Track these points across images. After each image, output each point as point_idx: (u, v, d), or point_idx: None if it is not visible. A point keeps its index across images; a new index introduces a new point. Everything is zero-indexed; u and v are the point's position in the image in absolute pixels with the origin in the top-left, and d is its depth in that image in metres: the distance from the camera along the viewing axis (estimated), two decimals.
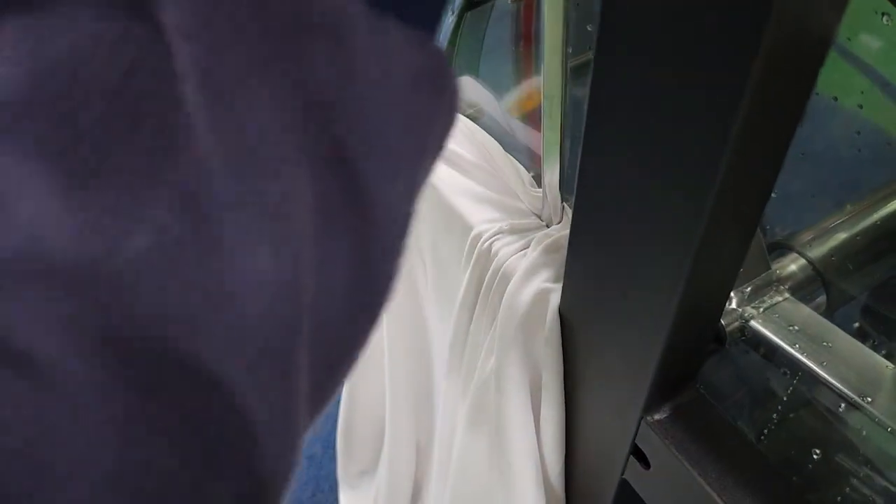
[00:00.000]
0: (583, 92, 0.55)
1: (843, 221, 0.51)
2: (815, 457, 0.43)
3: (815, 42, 0.26)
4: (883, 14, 0.41)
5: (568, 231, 0.50)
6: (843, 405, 0.44)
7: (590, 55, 0.55)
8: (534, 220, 0.52)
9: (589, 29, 0.45)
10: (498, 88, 0.63)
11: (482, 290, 0.53)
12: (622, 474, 0.47)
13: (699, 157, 0.29)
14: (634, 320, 0.38)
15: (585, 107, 0.35)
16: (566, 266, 0.42)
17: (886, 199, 0.51)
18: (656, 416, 0.42)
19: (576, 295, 0.43)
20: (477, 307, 0.53)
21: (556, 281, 0.47)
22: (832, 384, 0.44)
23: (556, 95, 0.46)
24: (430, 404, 0.81)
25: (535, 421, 0.52)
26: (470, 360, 0.58)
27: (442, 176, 0.55)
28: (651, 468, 0.44)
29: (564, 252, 0.49)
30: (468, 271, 0.52)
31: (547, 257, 0.47)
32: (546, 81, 0.45)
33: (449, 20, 0.61)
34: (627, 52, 0.30)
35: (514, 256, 0.50)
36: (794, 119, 0.29)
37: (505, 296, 0.49)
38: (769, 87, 0.26)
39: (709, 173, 0.28)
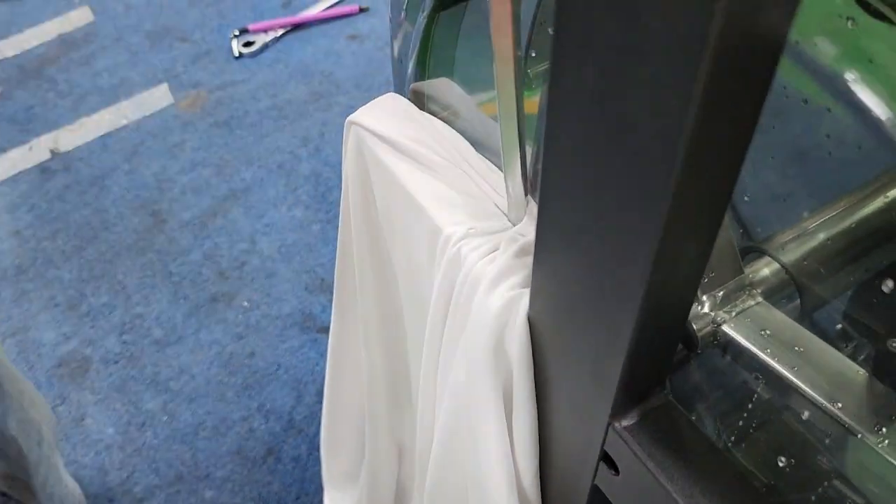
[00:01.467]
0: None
1: (816, 225, 0.50)
2: (780, 464, 0.42)
3: (766, 41, 0.25)
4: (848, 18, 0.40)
5: (523, 242, 0.50)
6: (812, 410, 0.43)
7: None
8: (503, 221, 0.52)
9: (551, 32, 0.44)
10: (473, 89, 0.62)
11: (453, 295, 0.53)
12: (593, 480, 0.47)
13: (653, 158, 0.28)
14: (599, 325, 0.38)
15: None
16: (533, 271, 0.42)
17: (860, 203, 0.50)
18: (623, 423, 0.41)
19: (543, 300, 0.42)
20: (449, 312, 0.53)
21: (524, 286, 0.46)
22: (802, 389, 0.43)
23: (510, 89, 0.45)
24: (410, 404, 0.81)
25: (508, 428, 0.51)
26: (444, 367, 0.57)
27: (412, 178, 0.54)
28: (620, 474, 0.43)
29: (530, 259, 0.49)
30: (439, 275, 0.52)
31: (515, 261, 0.47)
32: (498, 75, 0.45)
33: (420, 20, 0.60)
34: (580, 51, 0.29)
35: (482, 260, 0.49)
36: (751, 121, 0.29)
37: (474, 302, 0.48)
38: (720, 88, 0.25)
39: (663, 175, 0.28)
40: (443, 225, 0.51)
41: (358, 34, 2.15)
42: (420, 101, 0.62)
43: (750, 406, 0.46)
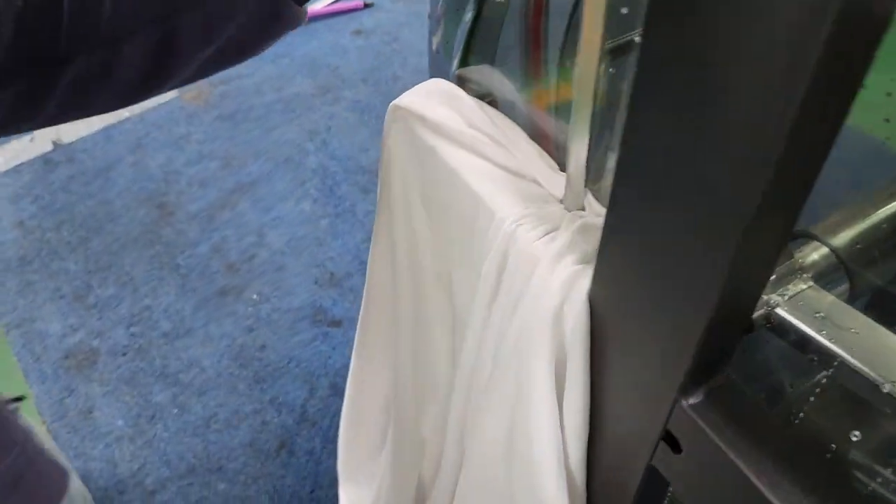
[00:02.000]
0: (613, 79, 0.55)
1: (865, 208, 0.51)
2: (853, 438, 0.43)
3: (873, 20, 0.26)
4: None
5: (594, 217, 0.50)
6: (872, 392, 0.44)
7: (623, 39, 0.55)
8: (556, 205, 0.52)
9: (623, 12, 0.45)
10: (513, 77, 0.63)
11: (504, 276, 0.53)
12: (650, 460, 0.47)
13: (751, 147, 0.28)
14: (673, 308, 0.38)
15: (625, 90, 0.35)
16: (599, 251, 0.42)
17: None
18: (691, 400, 0.41)
19: (608, 283, 0.43)
20: (500, 293, 0.53)
21: (584, 265, 0.46)
22: (862, 370, 0.44)
23: (589, 84, 0.46)
24: (436, 394, 0.81)
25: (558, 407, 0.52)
26: (488, 348, 0.57)
27: (463, 161, 0.55)
28: (682, 452, 0.44)
29: (593, 237, 0.49)
30: (491, 257, 0.52)
31: (575, 242, 0.47)
32: (579, 70, 0.45)
33: (467, 16, 0.61)
34: (677, 30, 0.30)
35: (539, 241, 0.49)
36: (846, 107, 0.29)
37: (532, 279, 0.48)
38: (827, 74, 0.26)
39: (761, 163, 0.28)
40: (496, 208, 0.51)
41: (363, 29, 2.15)
42: (463, 87, 0.62)
43: (807, 388, 0.47)
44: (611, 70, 0.51)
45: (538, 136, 0.59)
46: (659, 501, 0.49)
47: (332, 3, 2.21)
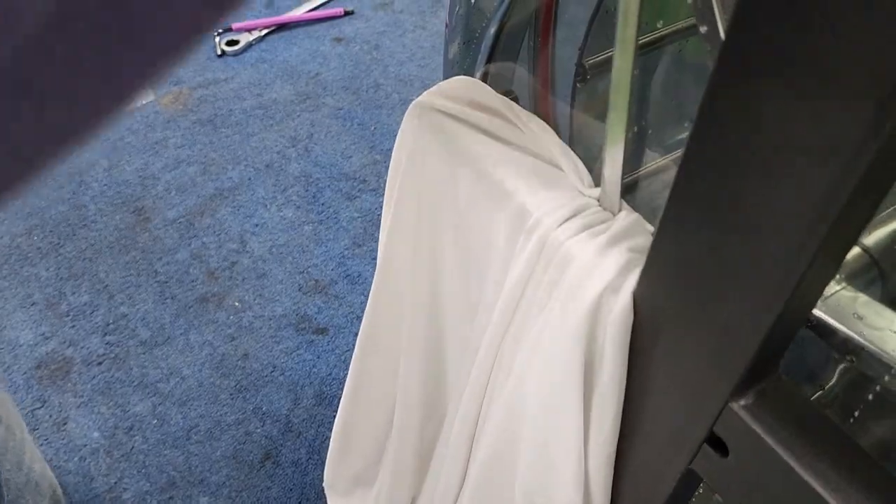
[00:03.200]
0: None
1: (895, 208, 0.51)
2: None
3: None
4: None
5: (631, 216, 0.49)
6: None
7: (654, 34, 0.55)
8: (588, 201, 0.51)
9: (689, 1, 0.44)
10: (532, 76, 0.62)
11: (533, 275, 0.52)
12: (689, 464, 0.46)
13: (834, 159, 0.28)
14: (733, 307, 0.37)
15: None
16: (652, 247, 0.41)
17: None
18: (742, 402, 0.41)
19: (660, 278, 0.42)
20: (528, 286, 0.52)
21: (627, 265, 0.45)
22: None
23: (625, 88, 0.45)
24: (443, 416, 0.79)
25: (586, 408, 0.50)
26: (511, 347, 0.56)
27: (491, 152, 0.53)
28: (729, 455, 0.43)
29: (634, 239, 0.48)
30: (523, 256, 0.51)
31: (617, 240, 0.46)
32: (616, 74, 0.45)
33: (490, 30, 0.61)
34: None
35: (574, 238, 0.48)
36: None
37: (566, 277, 0.47)
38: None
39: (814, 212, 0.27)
40: (530, 207, 0.50)
41: (343, 37, 2.13)
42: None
43: (855, 389, 0.47)
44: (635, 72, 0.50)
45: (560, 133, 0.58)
46: None
47: (312, 9, 2.19)
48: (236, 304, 1.47)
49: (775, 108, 0.29)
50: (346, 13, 2.21)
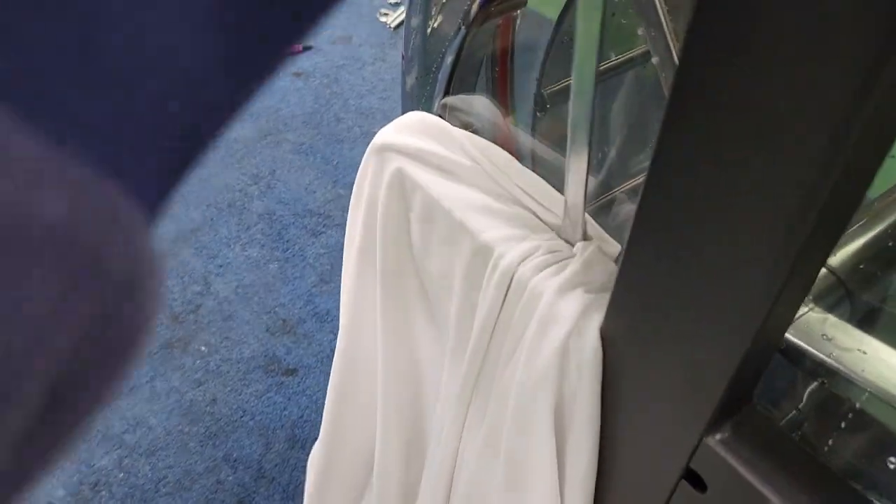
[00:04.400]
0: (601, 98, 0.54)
1: (857, 228, 0.51)
2: (890, 465, 0.42)
3: None
4: None
5: (598, 247, 0.48)
6: (887, 410, 0.43)
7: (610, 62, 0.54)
8: (551, 235, 0.50)
9: (640, 33, 0.44)
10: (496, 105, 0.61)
11: (500, 313, 0.50)
12: (668, 501, 0.45)
13: (801, 166, 0.27)
14: (705, 338, 0.36)
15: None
16: (616, 285, 0.40)
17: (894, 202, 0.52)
18: (717, 436, 0.40)
19: (627, 313, 0.41)
20: (496, 330, 0.50)
21: (592, 298, 0.45)
22: (879, 389, 0.43)
23: (585, 117, 0.45)
24: (422, 447, 0.77)
25: (559, 451, 0.49)
26: (486, 386, 0.55)
27: (452, 193, 0.52)
28: (707, 490, 0.42)
29: (600, 269, 0.47)
30: (489, 293, 0.49)
31: (580, 274, 0.45)
32: (575, 102, 0.44)
33: (448, 59, 0.60)
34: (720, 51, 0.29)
35: (540, 275, 0.47)
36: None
37: (536, 316, 0.46)
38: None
39: (808, 199, 0.27)
40: (492, 243, 0.49)
41: (303, 71, 2.12)
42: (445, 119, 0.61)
43: (829, 413, 0.46)
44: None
45: (526, 161, 0.58)
46: None
47: None
48: (202, 348, 1.43)
49: (733, 146, 0.29)
50: (305, 48, 2.21)
